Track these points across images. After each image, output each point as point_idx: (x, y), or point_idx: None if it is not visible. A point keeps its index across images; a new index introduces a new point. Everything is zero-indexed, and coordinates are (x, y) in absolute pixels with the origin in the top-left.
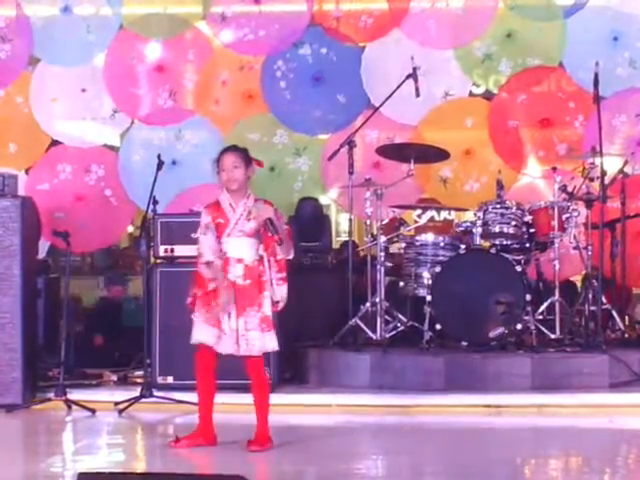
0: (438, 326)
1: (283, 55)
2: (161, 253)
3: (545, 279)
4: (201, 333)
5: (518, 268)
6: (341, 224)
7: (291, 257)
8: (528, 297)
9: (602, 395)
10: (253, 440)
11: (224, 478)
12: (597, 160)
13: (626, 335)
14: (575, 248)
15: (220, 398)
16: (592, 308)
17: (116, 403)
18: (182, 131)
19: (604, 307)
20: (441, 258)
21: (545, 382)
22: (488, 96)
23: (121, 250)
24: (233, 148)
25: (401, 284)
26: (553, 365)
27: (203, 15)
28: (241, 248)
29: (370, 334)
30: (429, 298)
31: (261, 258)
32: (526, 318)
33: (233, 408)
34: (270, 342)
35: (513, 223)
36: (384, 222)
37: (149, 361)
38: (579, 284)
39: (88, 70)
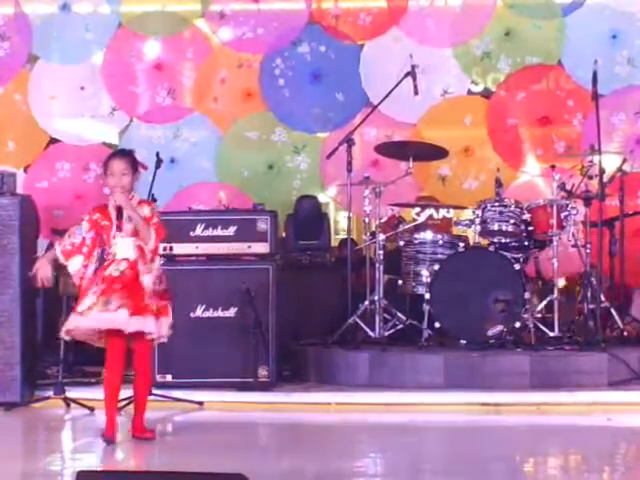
0: (437, 324)
1: (282, 53)
2: (159, 251)
3: (544, 277)
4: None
5: (517, 266)
6: (340, 222)
7: (150, 247)
8: (527, 295)
9: (601, 393)
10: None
11: (224, 477)
12: (596, 158)
13: (625, 333)
14: (574, 246)
15: (218, 397)
16: (591, 306)
17: None
18: (181, 129)
19: (603, 305)
20: (440, 256)
21: (544, 380)
22: (487, 94)
23: None
24: (122, 153)
25: (400, 282)
26: (552, 363)
27: (202, 13)
28: (126, 248)
29: (369, 332)
30: (428, 296)
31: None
32: (525, 316)
33: (231, 407)
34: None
35: (512, 221)
36: (383, 220)
37: None
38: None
39: (87, 68)
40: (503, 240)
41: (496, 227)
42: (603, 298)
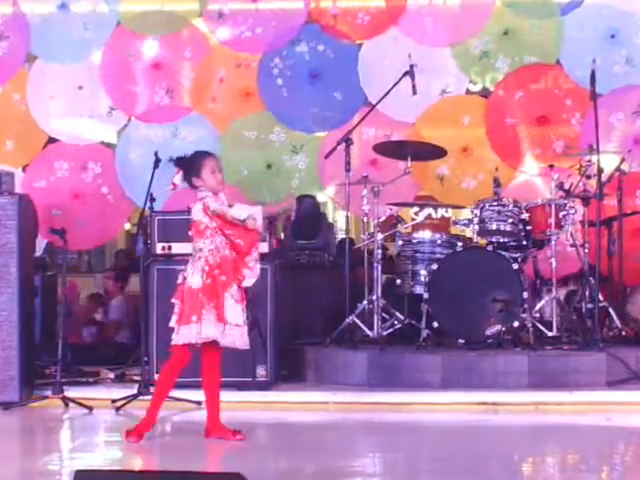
0: (435, 324)
1: (280, 52)
2: (158, 250)
3: (542, 277)
4: (211, 329)
5: (515, 266)
6: (338, 222)
7: None
8: (525, 295)
9: (599, 393)
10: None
11: (222, 476)
12: (594, 158)
13: (623, 333)
14: (572, 246)
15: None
16: (589, 306)
17: (113, 401)
18: (179, 128)
19: (601, 305)
20: (438, 256)
21: (542, 380)
22: (485, 94)
23: None
24: (214, 154)
25: (398, 282)
26: (550, 363)
27: (200, 12)
28: None
29: (367, 332)
30: (426, 296)
31: None
32: (523, 316)
33: (229, 406)
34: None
35: (510, 221)
36: (381, 220)
37: (146, 358)
38: None
39: (85, 67)
40: (501, 239)
41: (494, 226)
42: (601, 298)
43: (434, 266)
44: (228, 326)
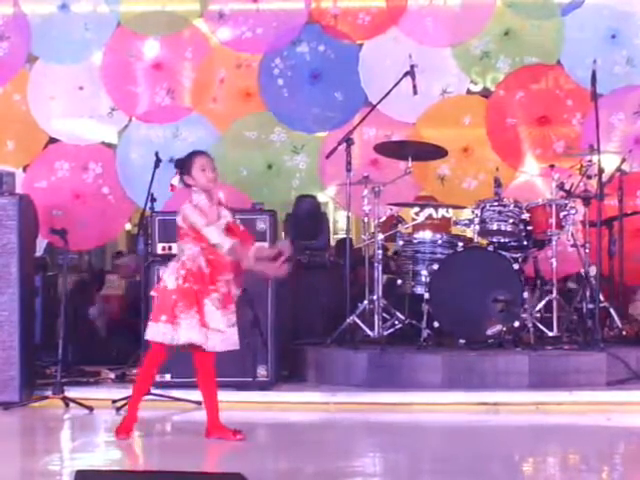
0: (436, 324)
1: (281, 53)
2: (159, 251)
3: (543, 277)
4: (193, 333)
5: (516, 266)
6: (339, 222)
7: None
8: (526, 295)
9: (600, 393)
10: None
11: (223, 476)
12: (595, 158)
13: (624, 333)
14: (573, 246)
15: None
16: (590, 306)
17: (114, 401)
18: (180, 129)
19: (602, 305)
20: (439, 256)
21: (543, 380)
22: (486, 94)
23: None
24: (207, 152)
25: (399, 282)
26: (551, 363)
27: (201, 13)
28: None
29: (368, 332)
30: (427, 296)
31: None
32: (524, 316)
33: (230, 406)
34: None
35: (511, 221)
36: (382, 220)
37: None
38: None
39: (86, 68)
40: (502, 240)
41: (495, 227)
42: (602, 298)
43: (435, 266)
44: (210, 331)
